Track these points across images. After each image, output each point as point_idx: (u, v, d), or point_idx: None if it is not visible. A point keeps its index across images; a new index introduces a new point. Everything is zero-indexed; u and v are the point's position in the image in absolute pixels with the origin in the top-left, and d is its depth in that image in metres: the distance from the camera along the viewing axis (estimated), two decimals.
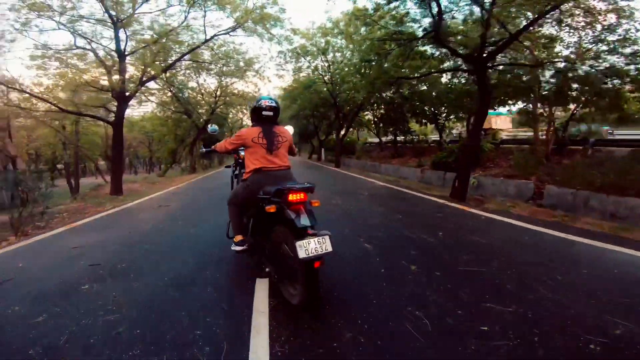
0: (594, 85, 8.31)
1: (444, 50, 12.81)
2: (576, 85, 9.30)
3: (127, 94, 10.43)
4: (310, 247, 2.05)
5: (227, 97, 20.86)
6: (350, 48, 15.98)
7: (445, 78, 18.03)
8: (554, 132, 10.64)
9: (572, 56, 8.73)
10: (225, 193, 4.01)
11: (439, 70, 10.98)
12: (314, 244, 2.07)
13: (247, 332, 2.12)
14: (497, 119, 22.54)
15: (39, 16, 8.66)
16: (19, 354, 1.97)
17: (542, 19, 7.07)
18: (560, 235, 4.16)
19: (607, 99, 8.83)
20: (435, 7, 7.09)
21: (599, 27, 7.59)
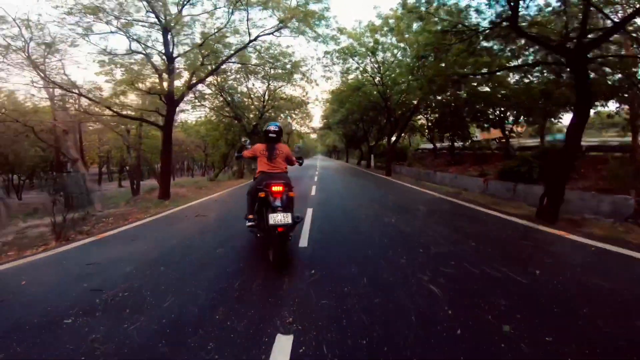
0: None
1: (514, 46, 11.11)
2: None
3: (175, 97, 10.43)
4: (277, 218, 3.19)
5: (276, 102, 20.73)
6: (400, 47, 14.71)
7: (513, 77, 15.92)
8: None
9: None
10: None
11: (517, 66, 9.31)
12: (280, 217, 3.21)
13: None
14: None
15: (96, 19, 8.87)
16: None
17: None
18: None
19: None
20: None
21: None
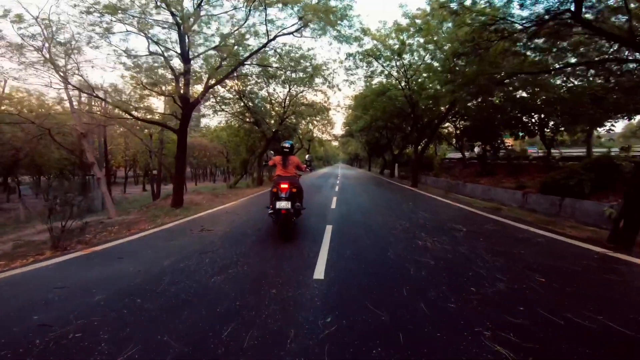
0: None
1: (564, 43, 9.91)
2: None
3: (191, 100, 9.93)
4: (281, 204, 5.02)
5: (297, 107, 20.14)
6: (429, 49, 13.62)
7: (554, 81, 14.43)
8: None
9: None
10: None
11: (576, 64, 8.16)
12: (283, 204, 5.03)
13: None
14: None
15: (116, 20, 8.55)
16: None
17: None
18: None
19: None
20: None
21: None
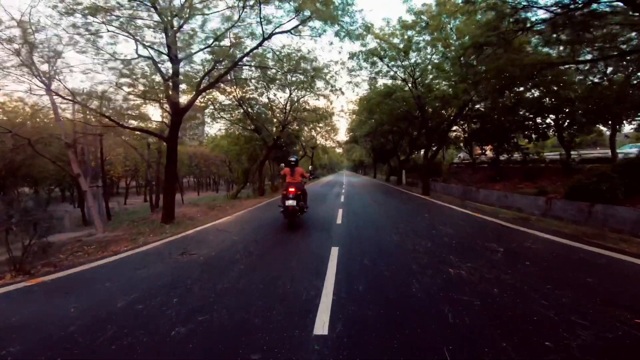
0: None
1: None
2: None
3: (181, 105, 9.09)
4: (288, 202, 6.72)
5: (298, 113, 19.30)
6: (437, 47, 12.69)
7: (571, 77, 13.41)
8: None
9: None
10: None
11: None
12: (290, 202, 6.71)
13: None
14: None
15: (97, 22, 7.81)
16: None
17: None
18: None
19: None
20: None
21: None
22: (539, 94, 13.70)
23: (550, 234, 5.81)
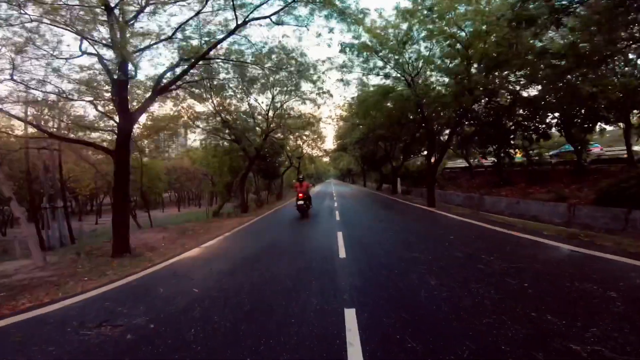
0: None
1: None
2: None
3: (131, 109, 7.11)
4: (299, 203, 11.96)
5: (282, 120, 17.52)
6: (447, 33, 11.14)
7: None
8: None
9: None
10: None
11: None
12: (300, 202, 11.95)
13: None
14: None
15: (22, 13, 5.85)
16: None
17: None
18: None
19: None
20: None
21: None
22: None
23: (622, 255, 4.17)
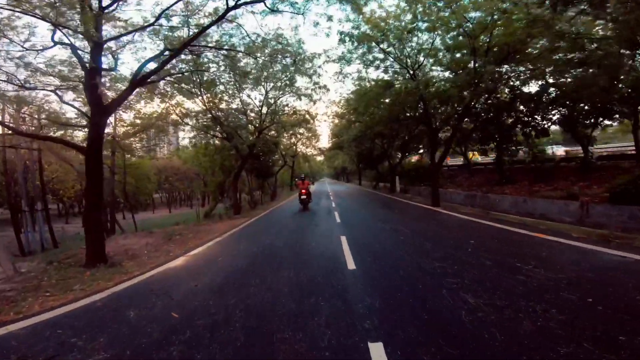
0: None
1: None
2: None
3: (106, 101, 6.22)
4: (302, 197, 14.45)
5: (276, 116, 16.68)
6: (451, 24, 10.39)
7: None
8: None
9: None
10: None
11: None
12: (303, 197, 14.42)
13: None
14: None
15: None
16: None
17: None
18: None
19: None
20: None
21: None
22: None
23: None
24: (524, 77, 13.28)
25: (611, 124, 14.64)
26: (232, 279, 4.52)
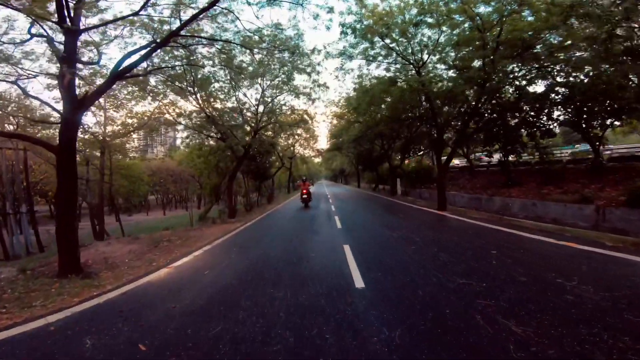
0: None
1: None
2: None
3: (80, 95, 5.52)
4: (303, 197, 16.72)
5: (273, 116, 16.04)
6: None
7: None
8: None
9: None
10: None
11: None
12: (304, 197, 16.68)
13: None
14: None
15: None
16: None
17: None
18: None
19: None
20: None
21: None
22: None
23: None
24: (529, 77, 12.77)
25: (620, 124, 14.10)
26: (217, 299, 3.78)
